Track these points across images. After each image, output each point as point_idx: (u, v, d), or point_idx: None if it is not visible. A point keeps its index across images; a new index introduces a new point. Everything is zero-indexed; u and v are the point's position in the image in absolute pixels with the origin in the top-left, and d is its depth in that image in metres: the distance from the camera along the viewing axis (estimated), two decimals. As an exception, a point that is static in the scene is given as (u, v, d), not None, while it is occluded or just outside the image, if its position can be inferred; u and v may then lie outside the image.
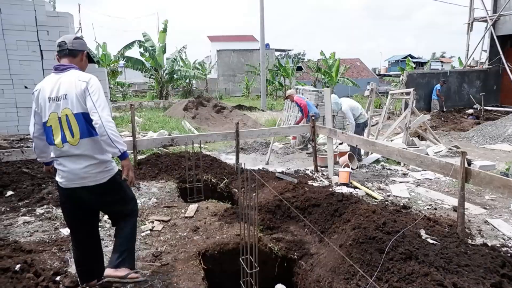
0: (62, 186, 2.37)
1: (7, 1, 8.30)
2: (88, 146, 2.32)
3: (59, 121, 2.29)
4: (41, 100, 2.33)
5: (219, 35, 45.91)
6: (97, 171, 2.34)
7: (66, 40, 2.43)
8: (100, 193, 2.39)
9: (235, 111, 13.46)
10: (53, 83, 2.33)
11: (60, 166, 2.34)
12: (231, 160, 6.95)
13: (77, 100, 2.27)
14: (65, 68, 2.37)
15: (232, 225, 3.59)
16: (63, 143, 2.29)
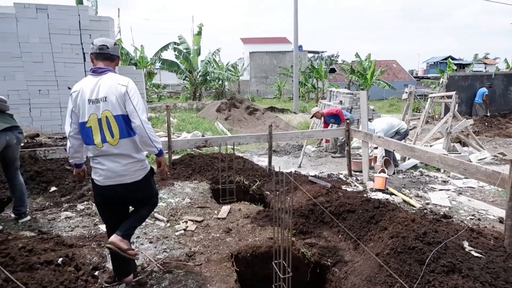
0: (99, 184, 2.46)
1: (54, 7, 8.78)
2: (126, 146, 2.42)
3: (98, 122, 2.37)
4: (79, 101, 2.39)
5: (252, 37, 46.16)
6: (134, 169, 2.47)
7: (107, 44, 2.51)
8: (135, 189, 2.51)
9: (267, 113, 13.46)
10: (92, 85, 2.40)
11: (99, 165, 2.43)
12: (263, 162, 6.94)
13: (117, 102, 2.36)
14: (103, 71, 2.45)
15: (264, 228, 3.56)
16: (102, 143, 2.38)
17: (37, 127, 8.82)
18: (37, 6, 8.65)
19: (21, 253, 2.81)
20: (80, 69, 9.14)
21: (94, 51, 2.50)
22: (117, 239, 2.44)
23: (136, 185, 2.50)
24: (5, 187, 4.48)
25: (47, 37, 8.81)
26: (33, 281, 2.47)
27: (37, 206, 4.22)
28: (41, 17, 8.69)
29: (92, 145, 2.41)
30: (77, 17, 8.93)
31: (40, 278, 2.52)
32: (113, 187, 2.45)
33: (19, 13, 8.58)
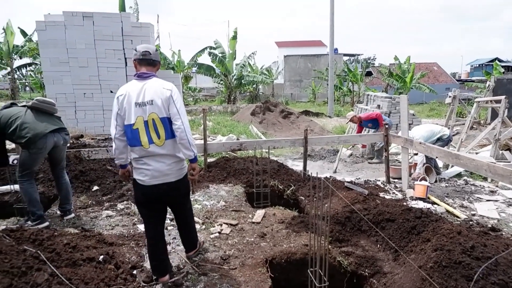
0: (144, 184, 2.56)
1: (99, 14, 9.22)
2: (171, 146, 2.55)
3: (145, 124, 2.48)
4: (126, 104, 2.50)
5: (287, 41, 46.09)
6: (177, 168, 2.62)
7: (150, 51, 2.63)
8: (177, 187, 2.66)
9: (301, 117, 13.35)
10: (138, 89, 2.52)
11: (145, 165, 2.54)
12: (297, 166, 6.87)
13: (162, 105, 2.48)
14: (148, 76, 2.57)
15: (299, 234, 3.51)
16: (149, 144, 2.50)
17: (81, 128, 9.29)
18: (84, 14, 9.14)
19: (66, 249, 2.94)
20: (122, 73, 9.53)
21: (137, 57, 2.62)
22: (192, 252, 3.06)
23: (178, 184, 2.65)
24: (52, 185, 4.74)
25: (92, 43, 9.28)
26: (76, 276, 2.57)
27: (81, 204, 4.41)
28: (87, 24, 9.16)
29: (139, 146, 2.51)
30: (119, 24, 9.33)
31: (83, 274, 2.62)
32: (158, 186, 2.57)
33: (67, 21, 9.10)
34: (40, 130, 3.47)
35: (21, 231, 3.06)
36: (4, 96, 22.66)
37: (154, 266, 2.73)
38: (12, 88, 22.21)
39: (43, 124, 3.53)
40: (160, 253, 2.73)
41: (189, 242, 3.05)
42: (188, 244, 3.06)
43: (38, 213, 3.62)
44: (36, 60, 21.59)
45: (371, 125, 7.30)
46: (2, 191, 4.59)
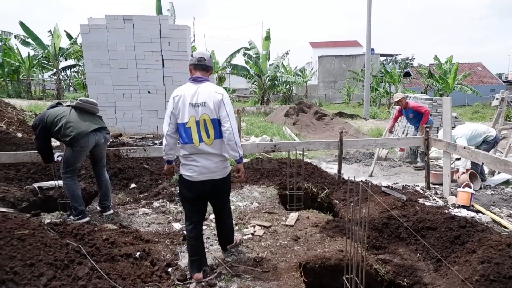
0: (191, 180, 2.76)
1: (139, 18, 9.53)
2: (218, 146, 2.76)
3: (196, 124, 2.70)
4: (181, 104, 2.71)
5: (321, 41, 45.50)
6: (223, 166, 2.81)
7: (205, 57, 2.86)
8: (221, 185, 2.86)
9: (336, 119, 13.11)
10: (192, 91, 2.74)
11: (193, 162, 2.75)
12: (331, 169, 6.73)
13: (214, 108, 2.69)
14: (202, 80, 2.80)
15: (334, 239, 3.42)
16: (199, 142, 2.71)
17: (120, 127, 9.65)
18: (125, 17, 9.48)
19: (105, 245, 3.04)
20: (159, 74, 9.78)
21: (193, 62, 2.84)
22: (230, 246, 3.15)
23: (222, 181, 2.85)
24: (93, 181, 4.94)
25: (132, 45, 9.61)
26: (114, 272, 2.64)
27: (119, 201, 4.56)
28: (127, 27, 9.50)
29: (190, 143, 2.71)
30: (158, 26, 9.59)
31: (120, 269, 2.69)
32: (204, 182, 2.77)
33: (109, 24, 9.48)
34: (83, 129, 3.62)
35: (64, 225, 3.20)
36: (50, 96, 24.03)
37: (192, 261, 2.82)
38: (58, 88, 23.52)
39: (86, 123, 3.68)
40: (199, 248, 2.87)
41: (227, 240, 3.17)
42: (225, 242, 3.17)
43: (79, 209, 3.78)
44: (80, 62, 22.72)
45: (412, 116, 6.95)
46: (47, 186, 4.84)
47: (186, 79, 3.04)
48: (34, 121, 3.82)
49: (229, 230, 3.17)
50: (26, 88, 24.15)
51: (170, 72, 9.73)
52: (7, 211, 3.94)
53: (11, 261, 2.25)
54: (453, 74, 20.97)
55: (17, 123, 8.26)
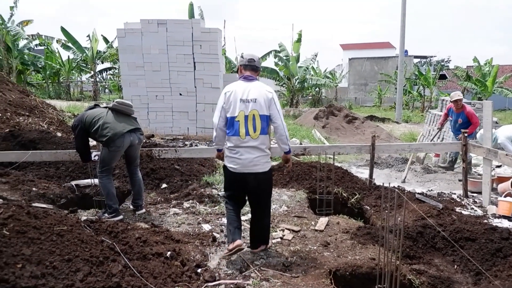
0: (234, 171, 3.01)
1: (172, 21, 9.77)
2: (262, 141, 2.97)
3: (245, 118, 2.92)
4: (232, 99, 2.95)
5: (352, 43, 44.73)
6: (263, 161, 3.01)
7: (255, 59, 3.11)
8: (261, 179, 3.03)
9: (367, 122, 12.81)
10: (243, 88, 2.98)
11: (237, 155, 2.97)
12: (362, 174, 6.58)
13: (264, 105, 2.93)
14: (252, 79, 3.06)
15: (366, 247, 3.33)
16: (246, 135, 2.93)
17: (152, 128, 9.90)
18: (159, 21, 9.75)
19: (137, 243, 3.11)
20: (191, 77, 9.96)
21: (243, 63, 3.09)
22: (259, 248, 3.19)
23: (262, 175, 3.03)
24: (126, 181, 5.09)
25: (165, 48, 9.85)
26: (146, 270, 2.70)
27: (151, 201, 4.67)
28: (161, 31, 9.76)
29: (237, 136, 2.94)
30: (190, 30, 9.78)
31: (152, 268, 2.75)
32: (245, 175, 2.99)
33: (144, 28, 9.78)
34: (119, 130, 3.74)
35: (99, 222, 3.31)
36: (87, 97, 25.09)
37: (229, 230, 3.09)
38: (94, 90, 24.53)
39: (122, 124, 3.80)
40: (235, 221, 3.11)
41: (260, 239, 3.21)
42: (257, 240, 3.21)
43: (114, 207, 3.90)
44: (115, 65, 23.59)
45: (461, 122, 6.55)
46: (84, 184, 5.04)
47: (217, 81, 3.27)
48: (74, 122, 3.99)
49: (265, 230, 3.23)
50: (66, 89, 25.37)
51: (201, 75, 9.88)
52: (47, 207, 4.13)
53: (50, 255, 2.35)
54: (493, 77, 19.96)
55: (57, 123, 8.67)
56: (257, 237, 3.22)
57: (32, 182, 4.84)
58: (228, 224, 3.13)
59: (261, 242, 3.23)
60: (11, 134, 6.32)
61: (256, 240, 3.23)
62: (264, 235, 3.24)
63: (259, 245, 3.23)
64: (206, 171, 5.79)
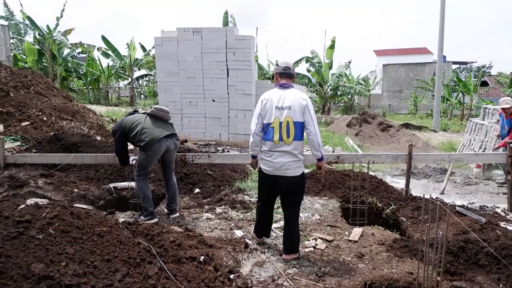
0: (267, 173, 3.19)
1: (207, 29, 9.98)
2: (295, 146, 3.08)
3: (279, 125, 3.05)
4: (268, 107, 3.11)
5: (386, 49, 43.70)
6: (295, 166, 3.11)
7: (290, 66, 3.23)
8: (291, 182, 3.15)
9: (402, 130, 12.42)
10: (279, 96, 3.11)
11: (271, 158, 3.12)
12: (397, 184, 6.38)
13: (298, 111, 3.03)
14: (288, 86, 3.17)
15: (403, 260, 3.20)
16: (279, 140, 3.06)
17: (185, 134, 10.13)
18: (194, 30, 10.00)
19: (172, 246, 3.18)
20: (224, 84, 10.11)
21: (279, 71, 3.21)
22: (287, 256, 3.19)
23: (294, 179, 3.13)
24: (161, 184, 5.23)
25: (199, 56, 10.08)
26: (180, 273, 2.74)
27: (184, 205, 4.76)
28: (196, 39, 10.00)
29: (271, 141, 3.09)
30: (224, 37, 9.95)
31: (186, 272, 2.78)
32: (277, 177, 3.14)
33: (180, 36, 10.06)
34: (156, 135, 3.86)
35: (136, 224, 3.41)
36: (124, 103, 26.08)
37: (257, 229, 3.49)
38: (131, 95, 25.47)
39: (159, 129, 3.92)
40: (264, 221, 3.43)
41: (289, 244, 3.24)
42: (288, 246, 3.24)
43: (150, 210, 4.01)
44: (151, 72, 24.40)
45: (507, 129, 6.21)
46: (121, 187, 5.23)
47: (250, 87, 3.39)
48: (114, 127, 4.16)
49: (292, 236, 3.24)
50: (105, 95, 26.53)
51: (234, 81, 10.01)
52: (87, 208, 4.32)
53: (91, 255, 2.45)
54: (540, 84, 18.78)
55: (97, 127, 9.08)
56: (286, 244, 3.25)
57: (74, 183, 5.07)
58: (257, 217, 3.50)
59: (290, 251, 3.22)
60: (55, 137, 6.67)
61: (286, 246, 3.25)
62: (292, 241, 3.23)
63: (289, 253, 3.22)
64: (238, 177, 5.83)
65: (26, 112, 8.08)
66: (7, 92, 8.47)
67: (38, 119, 7.98)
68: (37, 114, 8.15)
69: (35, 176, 5.14)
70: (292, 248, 3.21)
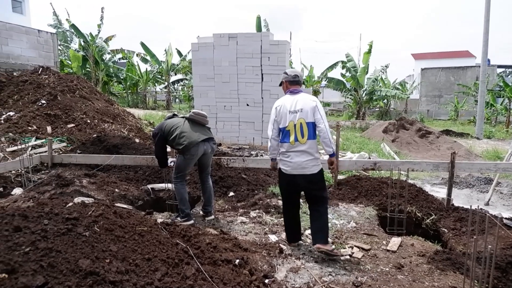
0: (286, 173, 3.38)
1: (243, 35, 10.12)
2: (310, 145, 3.30)
3: (294, 127, 3.30)
4: (282, 112, 3.37)
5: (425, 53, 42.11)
6: (312, 164, 3.32)
7: (298, 74, 3.55)
8: (310, 180, 3.35)
9: (442, 137, 11.89)
10: (291, 101, 3.38)
11: (288, 158, 3.34)
12: (437, 193, 6.11)
13: (310, 112, 3.27)
14: (298, 92, 3.47)
15: (445, 274, 3.06)
16: (295, 141, 3.30)
17: (219, 137, 10.28)
18: (230, 35, 10.16)
19: (208, 248, 3.22)
20: (258, 88, 10.19)
21: (289, 79, 3.52)
22: (322, 245, 3.23)
23: (312, 177, 3.34)
24: (196, 187, 5.33)
25: (235, 61, 10.22)
26: (216, 276, 2.77)
27: (219, 208, 4.82)
28: (231, 44, 10.16)
29: (288, 142, 3.33)
30: (259, 43, 10.04)
31: (222, 274, 2.81)
32: (296, 176, 3.34)
33: (216, 42, 10.26)
34: (194, 139, 3.95)
35: (174, 225, 3.50)
36: (160, 106, 26.91)
37: (288, 234, 3.59)
38: (167, 99, 26.24)
39: (197, 133, 4.01)
40: (293, 225, 3.56)
41: (321, 234, 3.32)
42: (319, 236, 3.31)
43: (186, 211, 4.10)
44: (187, 76, 25.03)
45: None
46: (158, 188, 5.39)
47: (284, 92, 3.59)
48: (154, 130, 4.30)
49: (323, 226, 3.36)
50: (142, 99, 27.51)
51: (269, 86, 10.05)
52: (127, 208, 4.49)
53: (133, 253, 2.54)
54: None
55: (136, 130, 9.43)
56: (318, 234, 3.35)
57: (115, 183, 5.29)
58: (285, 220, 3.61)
59: (326, 241, 3.31)
60: (98, 139, 7.01)
61: (318, 236, 3.34)
62: (325, 232, 3.35)
63: (325, 243, 3.30)
64: (272, 182, 5.84)
65: (71, 115, 8.55)
66: (55, 96, 9.01)
67: (82, 122, 8.42)
68: (82, 117, 8.61)
69: (79, 175, 5.41)
70: (327, 239, 3.34)
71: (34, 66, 11.38)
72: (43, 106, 8.60)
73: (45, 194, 4.55)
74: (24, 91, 9.17)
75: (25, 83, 9.49)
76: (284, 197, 3.60)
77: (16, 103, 8.74)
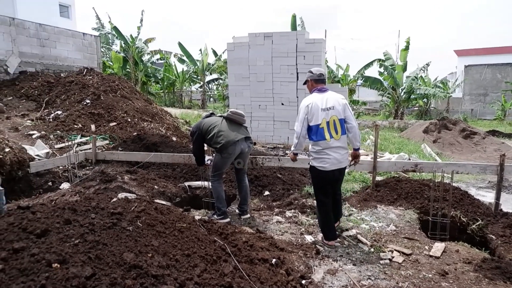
0: (325, 170, 3.49)
1: (278, 34, 10.08)
2: (343, 140, 3.52)
3: (327, 124, 3.44)
4: (313, 110, 3.46)
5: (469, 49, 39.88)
6: (346, 157, 3.61)
7: (323, 73, 3.70)
8: (342, 172, 3.68)
9: (489, 138, 11.22)
10: (321, 99, 3.51)
11: (326, 156, 3.47)
12: (483, 197, 5.78)
13: (341, 110, 3.47)
14: (325, 90, 3.62)
15: (494, 283, 2.89)
16: (330, 138, 3.44)
17: (254, 136, 10.29)
18: (265, 34, 10.16)
19: (245, 246, 3.24)
20: (293, 87, 10.11)
21: (314, 78, 3.67)
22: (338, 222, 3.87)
23: (344, 169, 3.68)
24: (232, 185, 5.39)
25: (270, 60, 10.20)
26: (253, 274, 2.78)
27: (254, 207, 4.85)
28: (267, 43, 10.15)
29: (323, 140, 3.45)
30: (295, 41, 9.94)
31: (259, 273, 2.82)
32: (334, 171, 3.52)
33: (251, 41, 10.30)
34: (231, 138, 3.99)
35: (211, 223, 3.56)
36: (195, 106, 27.47)
37: (326, 232, 3.62)
38: (202, 99, 26.73)
39: (234, 133, 4.05)
40: (330, 221, 3.63)
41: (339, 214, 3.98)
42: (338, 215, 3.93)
43: (223, 209, 4.16)
44: (222, 76, 25.36)
45: None
46: (195, 186, 5.50)
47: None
48: (192, 129, 4.40)
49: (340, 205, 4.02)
50: (179, 98, 28.21)
51: (304, 85, 9.94)
52: (166, 204, 4.62)
53: (173, 249, 2.60)
54: None
55: (173, 128, 9.69)
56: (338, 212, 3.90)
57: (154, 180, 5.46)
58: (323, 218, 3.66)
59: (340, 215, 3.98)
60: (138, 137, 7.27)
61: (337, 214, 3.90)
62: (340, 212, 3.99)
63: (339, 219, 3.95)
64: (307, 182, 5.78)
65: (113, 114, 8.93)
66: (98, 96, 9.45)
67: (123, 120, 8.76)
68: (123, 116, 8.96)
69: (121, 172, 5.64)
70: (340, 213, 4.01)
71: (79, 67, 12.00)
72: (87, 105, 9.04)
73: (90, 189, 4.78)
74: (71, 91, 9.69)
75: (71, 83, 10.04)
76: (321, 193, 3.64)
77: (63, 102, 9.26)
